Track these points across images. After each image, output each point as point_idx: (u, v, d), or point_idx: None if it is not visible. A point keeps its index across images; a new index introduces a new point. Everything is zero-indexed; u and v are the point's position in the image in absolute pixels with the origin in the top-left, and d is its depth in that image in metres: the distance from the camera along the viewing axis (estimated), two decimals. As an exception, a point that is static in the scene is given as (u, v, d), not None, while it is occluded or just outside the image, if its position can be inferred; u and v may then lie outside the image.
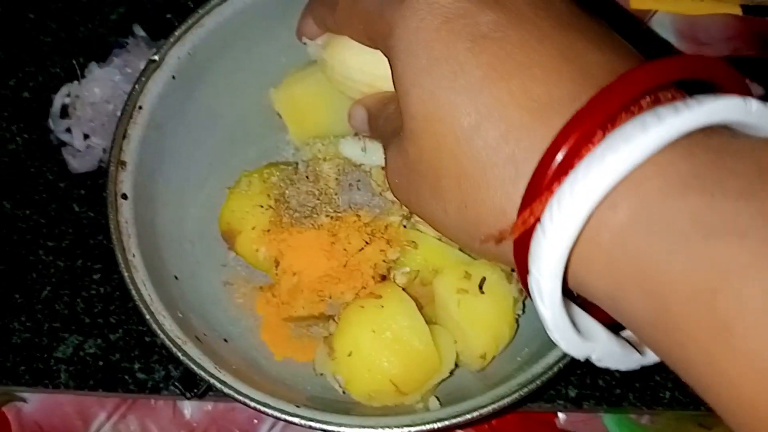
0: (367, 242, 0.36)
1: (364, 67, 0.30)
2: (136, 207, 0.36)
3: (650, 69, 0.20)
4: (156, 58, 0.38)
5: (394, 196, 0.27)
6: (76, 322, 0.45)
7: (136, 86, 0.38)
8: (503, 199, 0.21)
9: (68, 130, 0.48)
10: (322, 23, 0.31)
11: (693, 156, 0.19)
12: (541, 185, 0.20)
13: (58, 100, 0.49)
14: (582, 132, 0.19)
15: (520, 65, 0.21)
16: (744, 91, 0.21)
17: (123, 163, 0.37)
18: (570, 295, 0.22)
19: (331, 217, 0.36)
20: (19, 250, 0.47)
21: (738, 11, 0.53)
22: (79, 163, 0.47)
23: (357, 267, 0.36)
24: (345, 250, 0.36)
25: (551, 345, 0.33)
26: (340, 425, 0.32)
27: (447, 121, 0.22)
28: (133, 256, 0.35)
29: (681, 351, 0.18)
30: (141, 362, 0.44)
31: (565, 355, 0.32)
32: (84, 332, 0.45)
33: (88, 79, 0.48)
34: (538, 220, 0.20)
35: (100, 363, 0.44)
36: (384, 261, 0.36)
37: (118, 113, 0.46)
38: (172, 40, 0.38)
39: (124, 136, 0.37)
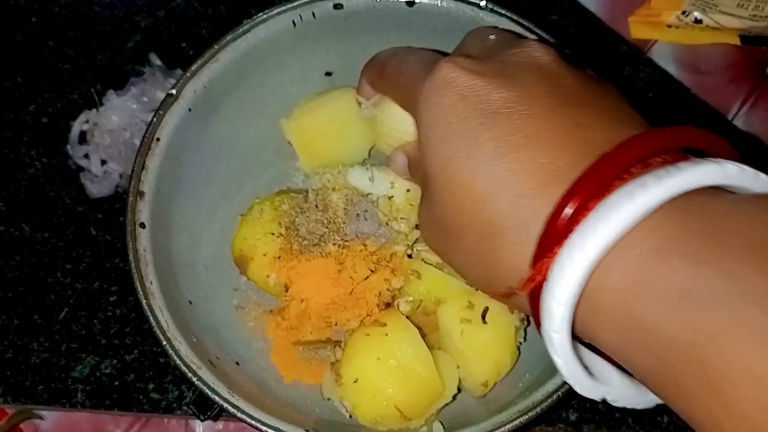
0: (372, 271, 0.37)
1: (407, 120, 0.32)
2: (153, 235, 0.38)
3: (637, 142, 0.22)
4: (173, 92, 0.40)
5: (426, 244, 0.29)
6: (92, 342, 0.47)
7: (154, 119, 0.39)
8: (517, 259, 0.24)
9: (86, 156, 0.50)
10: (373, 86, 0.36)
11: (678, 221, 0.21)
12: (546, 249, 0.22)
13: (77, 126, 0.51)
14: (579, 200, 0.22)
15: (528, 138, 0.24)
16: (730, 156, 0.23)
17: (141, 194, 0.38)
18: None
19: (339, 246, 0.38)
20: (38, 272, 0.48)
21: (737, 41, 0.54)
22: (96, 188, 0.49)
23: (362, 295, 0.37)
24: (351, 278, 0.37)
25: (552, 372, 0.35)
26: None
27: (465, 186, 0.25)
28: (151, 283, 0.36)
29: (684, 404, 0.20)
30: (155, 382, 0.46)
31: (565, 383, 0.34)
32: (100, 353, 0.46)
33: (106, 107, 0.49)
34: (545, 278, 0.22)
35: (116, 383, 0.46)
36: (388, 289, 0.37)
37: (135, 140, 0.48)
38: (188, 74, 0.40)
39: (143, 167, 0.39)
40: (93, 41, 0.54)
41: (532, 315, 0.23)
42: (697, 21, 0.54)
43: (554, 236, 0.22)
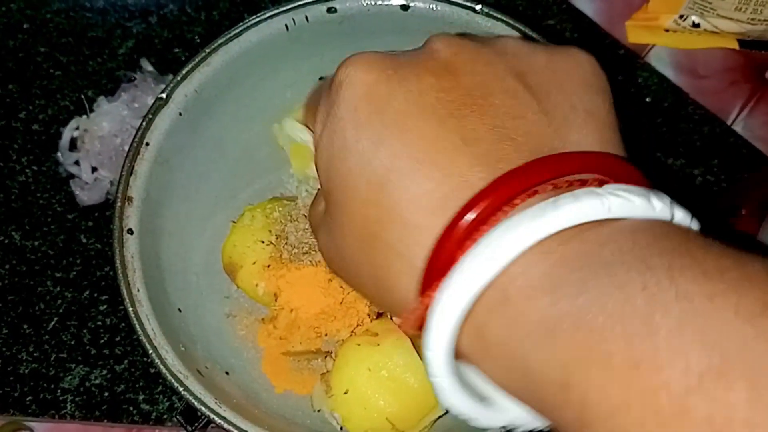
0: None
1: None
2: (141, 241, 0.37)
3: (518, 174, 0.21)
4: (163, 96, 0.39)
5: (328, 266, 0.28)
6: (82, 352, 0.46)
7: (144, 123, 0.39)
8: (404, 291, 0.23)
9: (77, 163, 0.49)
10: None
11: (550, 256, 0.20)
12: (428, 284, 0.22)
13: (68, 133, 0.50)
14: (455, 237, 0.21)
15: (414, 160, 0.23)
16: (638, 182, 0.22)
17: (129, 199, 0.37)
18: None
19: None
20: (28, 281, 0.48)
21: (735, 45, 0.54)
22: (87, 195, 0.48)
23: (353, 305, 0.36)
24: (341, 287, 0.36)
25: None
26: None
27: (357, 217, 0.24)
28: (138, 290, 0.35)
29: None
30: (145, 393, 0.45)
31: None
32: (90, 363, 0.46)
33: (97, 113, 0.49)
34: (425, 313, 0.21)
35: (106, 394, 0.45)
36: None
37: (126, 147, 0.47)
38: (179, 78, 0.39)
39: (131, 172, 0.38)
40: (85, 47, 0.54)
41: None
42: (695, 25, 0.53)
43: (434, 272, 0.21)
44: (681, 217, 0.21)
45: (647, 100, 0.52)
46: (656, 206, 0.21)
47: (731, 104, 0.53)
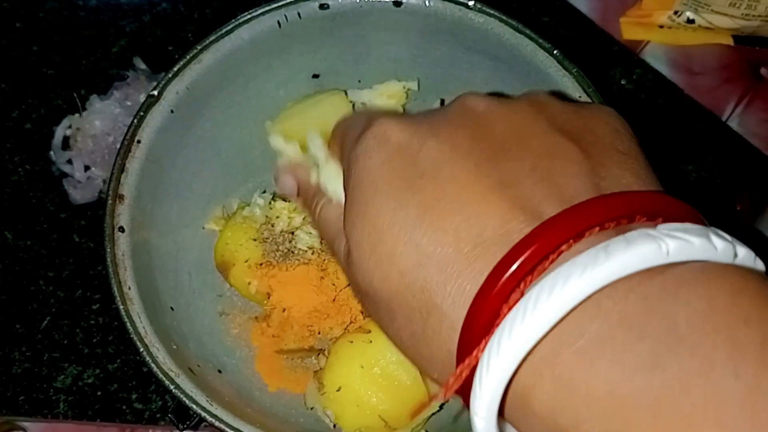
0: None
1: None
2: (133, 239, 0.37)
3: (569, 217, 0.20)
4: (155, 93, 0.39)
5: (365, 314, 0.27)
6: (75, 352, 0.46)
7: (135, 120, 0.38)
8: (444, 347, 0.21)
9: (69, 162, 0.49)
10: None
11: (606, 313, 0.18)
12: (469, 343, 0.20)
13: (60, 132, 0.50)
14: (500, 289, 0.19)
15: (451, 204, 0.22)
16: (692, 219, 0.20)
17: (121, 197, 0.37)
18: None
19: (320, 253, 0.37)
20: (21, 280, 0.47)
21: (729, 41, 0.54)
22: (79, 194, 0.48)
23: (346, 302, 0.36)
24: (333, 284, 0.36)
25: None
26: None
27: (390, 254, 0.22)
28: (129, 288, 0.35)
29: None
30: (138, 392, 0.45)
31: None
32: (83, 362, 0.45)
33: (89, 112, 0.49)
34: (471, 376, 0.20)
35: (99, 393, 0.45)
36: None
37: (118, 146, 0.47)
38: (170, 75, 0.39)
39: (122, 170, 0.38)
40: (78, 46, 0.54)
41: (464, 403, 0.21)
42: (690, 21, 0.53)
43: (477, 329, 0.19)
44: (744, 254, 0.19)
45: (642, 96, 0.52)
46: (718, 246, 0.19)
47: (726, 100, 0.53)
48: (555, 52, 0.37)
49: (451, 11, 0.39)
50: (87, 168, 0.49)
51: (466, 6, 0.38)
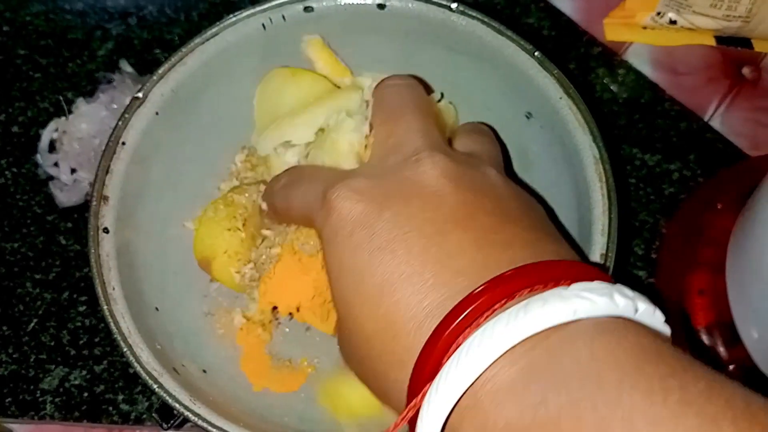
0: None
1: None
2: (117, 240, 0.37)
3: (502, 282, 0.23)
4: (140, 95, 0.39)
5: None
6: (61, 354, 0.46)
7: (120, 122, 0.39)
8: (400, 397, 0.25)
9: (56, 165, 0.49)
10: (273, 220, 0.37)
11: (518, 361, 0.22)
12: (415, 389, 0.23)
13: (47, 134, 0.50)
14: (437, 348, 0.23)
15: (404, 274, 0.25)
16: (601, 278, 0.24)
17: (105, 198, 0.37)
18: None
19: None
20: (7, 282, 0.48)
21: (712, 42, 0.54)
22: (66, 196, 0.48)
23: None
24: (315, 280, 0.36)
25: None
26: None
27: (356, 325, 0.26)
28: (113, 288, 0.35)
29: None
30: (125, 393, 0.45)
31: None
32: (69, 364, 0.46)
33: (76, 115, 0.49)
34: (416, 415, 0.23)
35: (85, 394, 0.45)
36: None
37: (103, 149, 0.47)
38: (155, 77, 0.39)
39: (107, 171, 0.38)
40: (65, 49, 0.54)
41: None
42: (672, 22, 0.54)
43: (422, 378, 0.23)
44: (643, 309, 0.23)
45: (625, 96, 0.53)
46: (619, 303, 0.22)
47: (708, 100, 0.53)
48: (536, 53, 0.38)
49: (434, 14, 0.39)
50: (73, 171, 0.49)
51: (449, 8, 0.39)
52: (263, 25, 0.40)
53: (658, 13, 0.54)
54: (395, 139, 0.30)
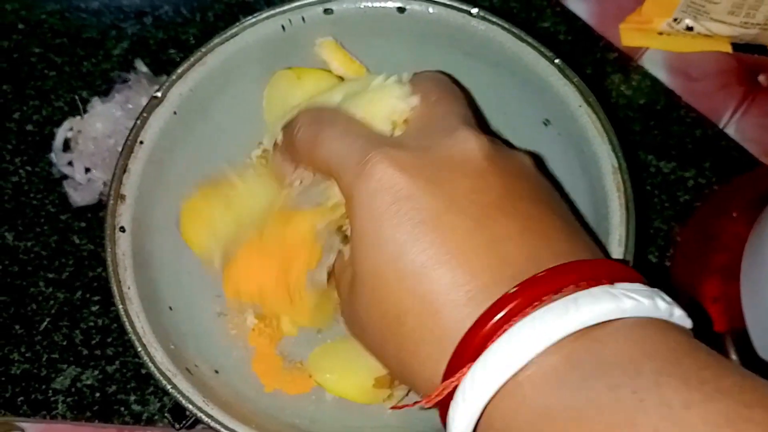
0: None
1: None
2: (134, 239, 0.37)
3: (541, 280, 0.24)
4: (158, 94, 0.39)
5: (355, 338, 0.30)
6: (74, 353, 0.46)
7: (138, 122, 0.39)
8: (429, 373, 0.25)
9: (70, 164, 0.49)
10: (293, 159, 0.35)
11: (567, 353, 0.22)
12: (455, 369, 0.24)
13: (61, 133, 0.50)
14: (483, 333, 0.23)
15: (450, 255, 0.25)
16: (640, 281, 0.25)
17: (122, 197, 0.37)
18: None
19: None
20: (20, 281, 0.48)
21: (728, 48, 0.54)
22: (80, 196, 0.48)
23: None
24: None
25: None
26: None
27: (390, 298, 0.26)
28: (129, 288, 0.35)
29: None
30: (137, 394, 0.45)
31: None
32: (82, 364, 0.45)
33: (91, 114, 0.49)
34: (451, 396, 0.24)
35: (97, 394, 0.45)
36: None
37: (119, 148, 0.47)
38: (174, 77, 0.39)
39: (124, 170, 0.38)
40: (80, 48, 0.54)
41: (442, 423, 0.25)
42: (689, 28, 0.53)
43: (464, 358, 0.23)
44: (679, 316, 0.24)
45: (640, 102, 0.52)
46: (660, 307, 0.23)
47: (723, 107, 0.53)
48: (556, 60, 0.38)
49: (453, 18, 0.39)
50: (87, 170, 0.49)
51: (469, 14, 0.39)
52: (282, 26, 0.40)
53: (675, 19, 0.53)
54: (437, 119, 0.30)
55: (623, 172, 0.36)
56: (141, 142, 0.38)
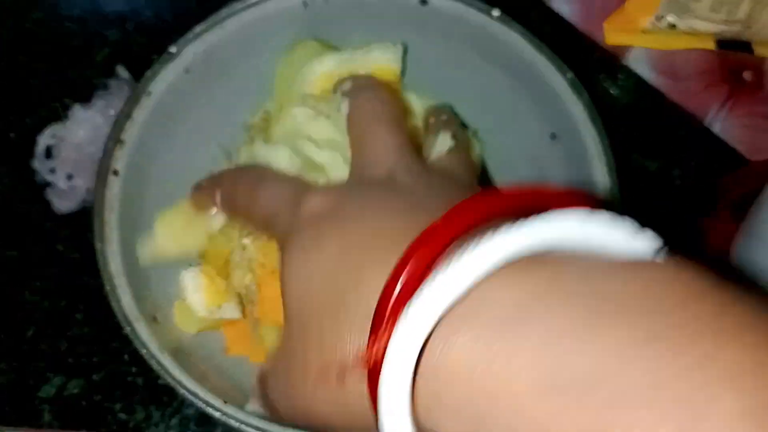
0: None
1: None
2: (125, 184, 0.37)
3: (478, 202, 0.21)
4: (173, 50, 0.39)
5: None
6: (59, 362, 0.46)
7: (148, 73, 0.39)
8: (362, 326, 0.22)
9: (53, 171, 0.49)
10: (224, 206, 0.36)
11: (482, 299, 0.19)
12: (380, 319, 0.20)
13: (43, 141, 0.50)
14: (396, 298, 0.20)
15: (367, 235, 0.25)
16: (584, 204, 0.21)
17: (121, 142, 0.37)
18: None
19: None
20: (5, 290, 0.47)
21: (712, 45, 0.54)
22: (63, 203, 0.48)
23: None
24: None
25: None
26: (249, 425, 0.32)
27: (307, 304, 0.25)
28: (111, 229, 0.36)
29: None
30: (123, 402, 0.45)
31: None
32: (67, 373, 0.45)
33: (72, 121, 0.49)
34: (380, 363, 0.20)
35: (83, 403, 0.45)
36: None
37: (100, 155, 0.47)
38: (190, 35, 0.39)
39: (128, 117, 0.38)
40: (64, 55, 0.53)
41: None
42: (672, 26, 0.53)
43: (393, 301, 0.20)
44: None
45: (625, 101, 0.52)
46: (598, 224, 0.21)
47: (708, 105, 0.53)
48: (568, 75, 0.38)
49: (474, 18, 0.39)
50: (70, 177, 0.48)
51: (489, 15, 0.39)
52: (304, 2, 0.40)
53: (658, 17, 0.53)
54: (370, 157, 0.31)
55: (614, 196, 0.36)
56: (149, 93, 0.38)
